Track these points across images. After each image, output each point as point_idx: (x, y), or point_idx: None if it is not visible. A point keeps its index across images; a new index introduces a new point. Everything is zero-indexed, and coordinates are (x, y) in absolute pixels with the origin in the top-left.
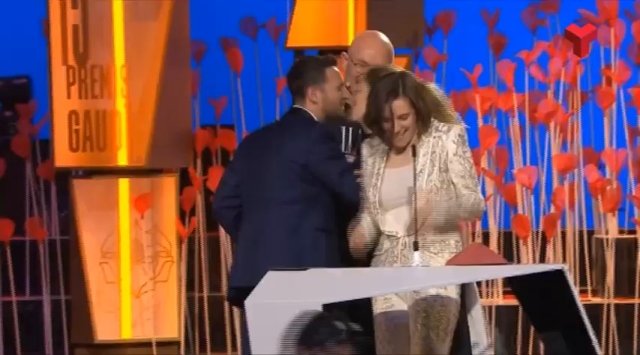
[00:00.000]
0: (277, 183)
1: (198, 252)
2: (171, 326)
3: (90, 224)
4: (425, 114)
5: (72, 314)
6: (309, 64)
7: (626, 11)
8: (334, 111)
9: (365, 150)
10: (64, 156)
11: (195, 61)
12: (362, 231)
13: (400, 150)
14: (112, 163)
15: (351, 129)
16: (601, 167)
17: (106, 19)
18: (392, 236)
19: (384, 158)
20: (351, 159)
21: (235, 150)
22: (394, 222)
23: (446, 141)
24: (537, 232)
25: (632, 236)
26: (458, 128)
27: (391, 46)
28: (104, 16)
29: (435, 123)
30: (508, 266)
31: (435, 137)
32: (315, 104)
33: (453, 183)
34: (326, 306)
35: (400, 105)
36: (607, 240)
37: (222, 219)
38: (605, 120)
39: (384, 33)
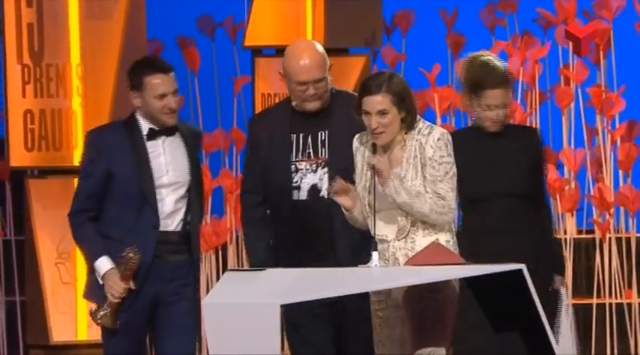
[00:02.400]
0: None
1: None
2: None
3: (45, 224)
4: (409, 115)
5: (27, 315)
6: (133, 69)
7: (584, 11)
8: (161, 120)
9: (355, 144)
10: (19, 156)
11: None
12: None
13: (386, 151)
14: (68, 163)
15: (302, 135)
16: (559, 167)
17: (61, 18)
18: (383, 240)
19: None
20: (302, 165)
21: None
22: (384, 226)
23: (425, 145)
24: None
25: (590, 236)
26: (438, 132)
27: (320, 54)
28: (60, 14)
29: (420, 124)
30: (467, 266)
31: (417, 140)
32: (139, 108)
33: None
34: None
35: (380, 101)
36: (565, 239)
37: None
38: (564, 119)
39: (342, 32)
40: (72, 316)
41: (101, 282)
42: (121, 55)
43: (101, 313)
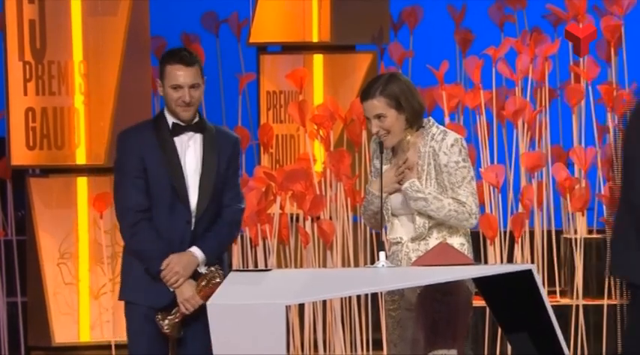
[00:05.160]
0: None
1: None
2: None
3: (47, 224)
4: (410, 116)
5: (29, 316)
6: (161, 57)
7: (595, 7)
8: (175, 112)
9: (373, 146)
10: (20, 155)
11: (155, 57)
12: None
13: (396, 154)
14: (70, 161)
15: None
16: (569, 165)
17: (63, 14)
18: (398, 242)
19: (389, 162)
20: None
21: None
22: (400, 228)
23: (438, 152)
24: (505, 232)
25: (601, 236)
26: (452, 138)
27: None
28: (62, 10)
29: (433, 129)
30: (475, 267)
31: (430, 147)
32: (164, 98)
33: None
34: None
35: (375, 106)
36: (576, 239)
37: None
38: (574, 117)
39: (348, 28)
40: (74, 317)
41: (171, 289)
42: (124, 53)
43: (168, 322)
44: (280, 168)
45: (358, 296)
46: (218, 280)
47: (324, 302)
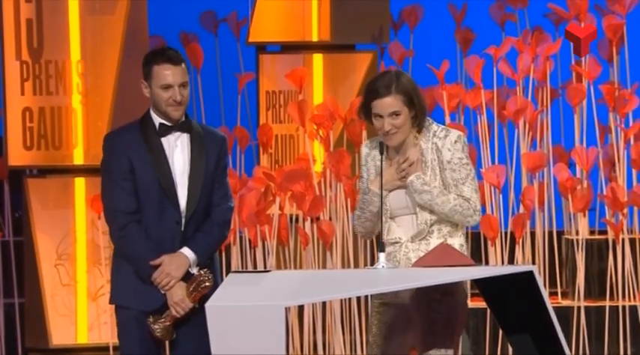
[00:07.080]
0: None
1: None
2: None
3: (45, 225)
4: (419, 113)
5: (26, 317)
6: (145, 58)
7: (597, 6)
8: (165, 112)
9: (364, 150)
10: (17, 155)
11: None
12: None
13: (398, 152)
14: (68, 162)
15: None
16: (571, 166)
17: (61, 13)
18: (396, 242)
19: (388, 164)
20: None
21: None
22: (397, 229)
23: (442, 149)
24: (506, 233)
25: (602, 237)
26: (455, 135)
27: None
28: (59, 10)
29: (434, 126)
30: (476, 268)
31: (433, 143)
32: (150, 100)
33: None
34: None
35: (391, 103)
36: (577, 240)
37: None
38: (575, 117)
39: (348, 28)
40: (72, 319)
41: (163, 291)
42: (122, 52)
43: (160, 325)
44: (280, 169)
45: (358, 298)
46: (207, 284)
47: (324, 303)
